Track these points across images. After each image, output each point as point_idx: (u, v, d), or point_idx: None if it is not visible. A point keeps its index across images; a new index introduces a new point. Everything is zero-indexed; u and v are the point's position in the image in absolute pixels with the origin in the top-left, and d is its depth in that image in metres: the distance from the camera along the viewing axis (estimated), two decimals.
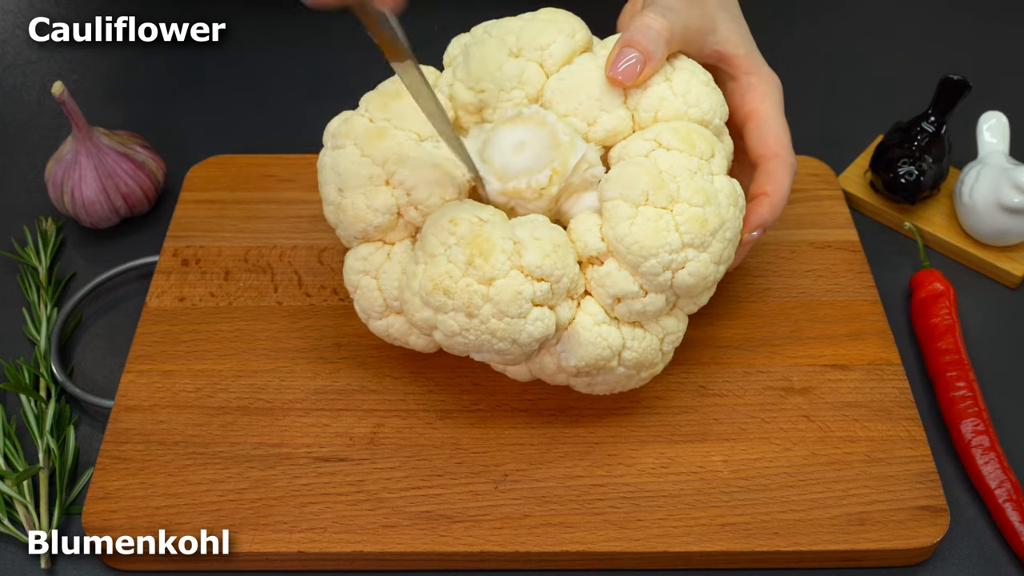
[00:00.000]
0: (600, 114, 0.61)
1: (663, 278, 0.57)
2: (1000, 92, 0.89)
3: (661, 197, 0.57)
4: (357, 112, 0.64)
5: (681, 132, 0.59)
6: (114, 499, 0.62)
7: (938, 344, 0.71)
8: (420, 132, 0.62)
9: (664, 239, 0.57)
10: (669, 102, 0.61)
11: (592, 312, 0.59)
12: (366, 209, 0.61)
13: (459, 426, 0.66)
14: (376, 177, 0.61)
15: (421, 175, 0.60)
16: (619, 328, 0.59)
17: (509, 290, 0.56)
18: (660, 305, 0.59)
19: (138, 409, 0.67)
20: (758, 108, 0.66)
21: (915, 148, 0.79)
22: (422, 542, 0.60)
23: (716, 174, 0.60)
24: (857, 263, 0.76)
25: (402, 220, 0.61)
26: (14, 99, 0.93)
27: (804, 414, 0.67)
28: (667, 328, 0.61)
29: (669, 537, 0.61)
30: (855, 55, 0.98)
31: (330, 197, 0.63)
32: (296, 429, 0.66)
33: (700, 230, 0.57)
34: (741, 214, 0.61)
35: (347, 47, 0.97)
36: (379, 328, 0.64)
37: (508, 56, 0.63)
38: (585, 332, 0.58)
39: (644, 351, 0.60)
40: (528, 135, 0.61)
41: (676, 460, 0.64)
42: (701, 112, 0.61)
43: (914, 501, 0.63)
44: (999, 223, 0.76)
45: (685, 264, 0.57)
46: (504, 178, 0.60)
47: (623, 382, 0.62)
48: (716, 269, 0.59)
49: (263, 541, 0.60)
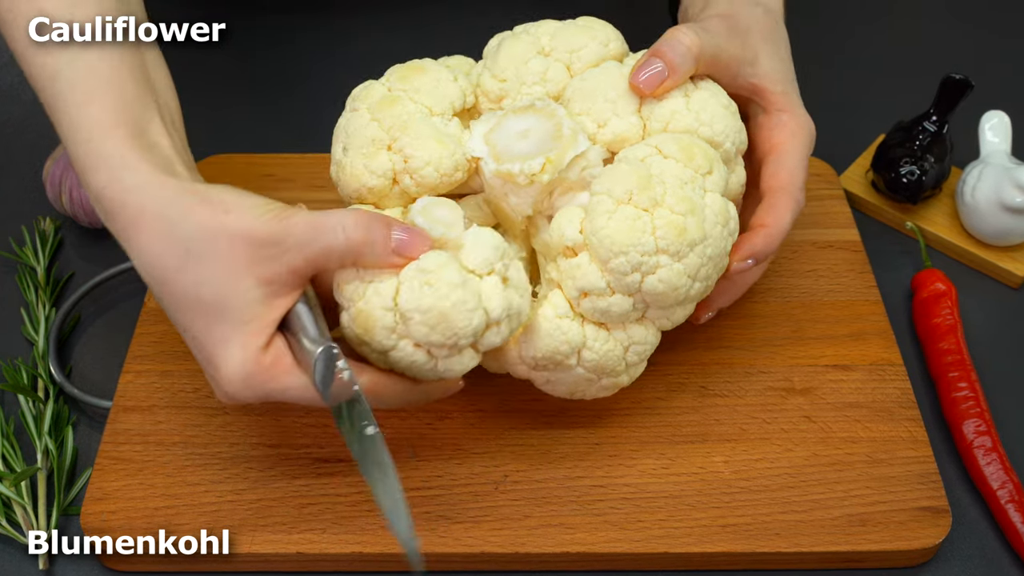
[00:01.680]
0: (611, 117, 0.61)
1: (631, 279, 0.57)
2: (1002, 91, 0.89)
3: (644, 198, 0.57)
4: (380, 80, 0.65)
5: (682, 143, 0.59)
6: (112, 500, 0.62)
7: (940, 344, 0.71)
8: (432, 107, 0.62)
9: (637, 239, 0.56)
10: (681, 116, 0.61)
11: (556, 304, 0.58)
12: (363, 170, 0.61)
13: (459, 427, 0.66)
14: (379, 140, 0.61)
15: (422, 145, 0.60)
16: (582, 325, 0.59)
17: (403, 360, 0.55)
18: (626, 308, 0.58)
19: (137, 409, 0.66)
20: (782, 143, 0.65)
21: (917, 148, 0.79)
22: (422, 543, 0.60)
23: (709, 191, 0.59)
24: (859, 263, 0.76)
25: (398, 188, 0.61)
26: (12, 98, 0.93)
27: (805, 415, 0.67)
28: (633, 337, 0.60)
29: (670, 538, 0.61)
30: (857, 54, 0.98)
31: (336, 156, 0.64)
32: (295, 429, 0.65)
33: (677, 238, 0.56)
34: (730, 237, 0.60)
35: (347, 47, 0.96)
36: None
37: (537, 54, 0.64)
38: (545, 323, 0.58)
39: (605, 355, 0.59)
40: (534, 124, 0.61)
41: (677, 461, 0.64)
42: (712, 132, 0.61)
43: (916, 502, 0.62)
44: (1001, 223, 0.76)
45: (656, 269, 0.57)
46: (501, 160, 0.60)
47: (582, 386, 0.61)
48: (690, 284, 0.58)
49: (262, 542, 0.60)
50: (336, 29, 0.99)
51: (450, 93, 0.63)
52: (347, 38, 0.98)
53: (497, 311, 0.55)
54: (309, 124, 0.90)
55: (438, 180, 0.61)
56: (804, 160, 0.65)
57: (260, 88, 0.94)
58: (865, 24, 1.02)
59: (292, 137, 0.87)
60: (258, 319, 0.54)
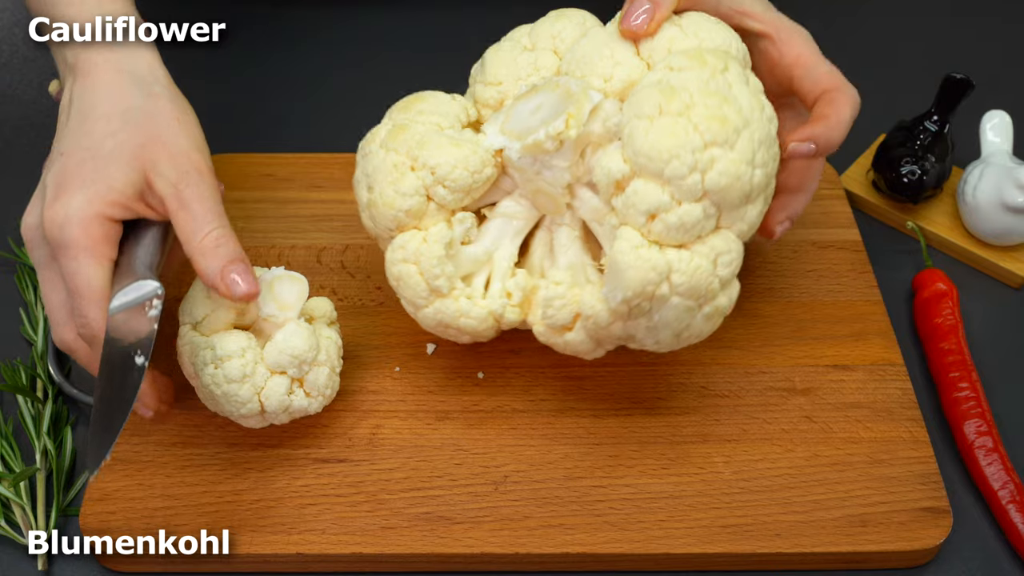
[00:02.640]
0: (614, 68, 0.61)
1: (691, 180, 0.55)
2: (1004, 91, 0.89)
3: (675, 105, 0.55)
4: (382, 123, 0.65)
5: (691, 53, 0.58)
6: (112, 500, 0.62)
7: (941, 344, 0.71)
8: (441, 123, 0.63)
9: (684, 139, 0.54)
10: (680, 40, 0.60)
11: (628, 237, 0.56)
12: (394, 195, 0.61)
13: (459, 427, 0.66)
14: (401, 165, 0.61)
15: (443, 152, 0.60)
16: (662, 251, 0.56)
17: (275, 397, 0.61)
18: (697, 215, 0.55)
19: (135, 410, 0.66)
20: (801, 52, 0.64)
21: (918, 147, 0.79)
22: (421, 544, 0.60)
23: (733, 84, 0.58)
24: (859, 263, 0.76)
25: (432, 204, 0.61)
26: (11, 98, 0.93)
27: (806, 415, 0.67)
28: (716, 247, 0.57)
29: (670, 539, 0.61)
30: (857, 53, 0.97)
31: (363, 200, 0.64)
32: (295, 430, 0.65)
33: (721, 127, 0.55)
34: (771, 123, 0.58)
35: (347, 47, 0.96)
36: (428, 317, 0.63)
37: (523, 51, 0.65)
38: (623, 257, 0.56)
39: (695, 272, 0.56)
40: (543, 99, 0.61)
41: (677, 461, 0.64)
42: (715, 44, 0.61)
43: (917, 503, 0.62)
44: (1002, 223, 0.76)
45: (712, 164, 0.55)
46: (524, 138, 0.60)
47: (685, 320, 0.58)
48: (752, 172, 0.56)
49: (262, 543, 0.60)
50: (335, 29, 0.99)
51: (454, 109, 0.64)
52: (347, 38, 0.97)
53: (274, 407, 0.61)
54: (308, 123, 0.90)
55: (470, 180, 0.60)
56: (821, 57, 0.65)
57: (259, 87, 0.94)
58: (866, 23, 1.01)
59: (291, 136, 0.87)
60: (123, 198, 0.59)
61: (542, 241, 0.64)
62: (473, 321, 0.62)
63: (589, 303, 0.59)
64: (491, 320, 0.62)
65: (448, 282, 0.61)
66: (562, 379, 0.68)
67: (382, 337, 0.71)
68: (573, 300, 0.60)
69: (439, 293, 0.61)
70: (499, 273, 0.63)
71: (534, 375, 0.68)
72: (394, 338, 0.71)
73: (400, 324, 0.69)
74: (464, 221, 0.62)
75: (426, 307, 0.62)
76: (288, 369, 0.61)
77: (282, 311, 0.62)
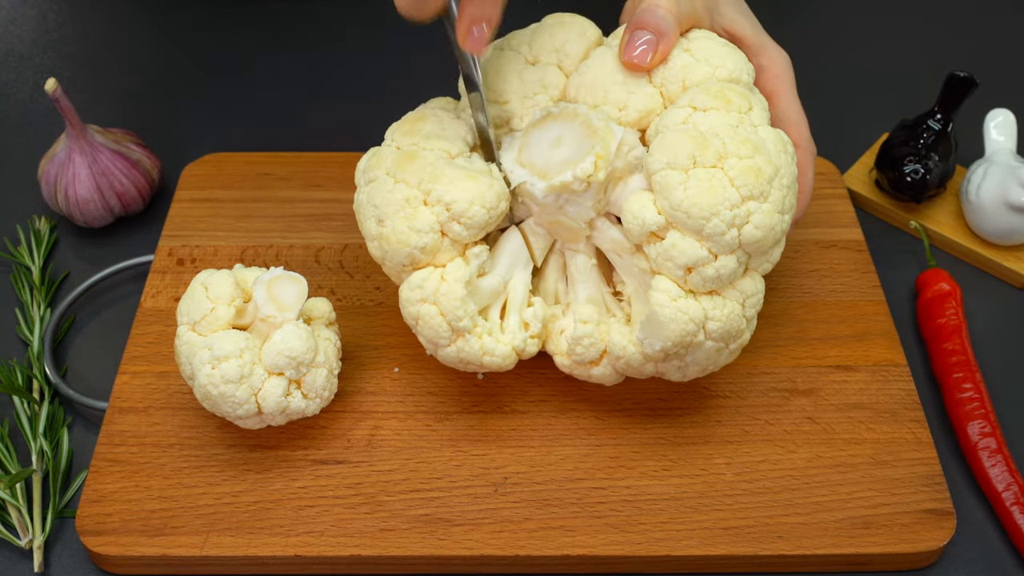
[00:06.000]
0: (629, 97, 0.60)
1: (729, 236, 0.56)
2: (1007, 89, 0.89)
3: (709, 156, 0.56)
4: (384, 144, 0.64)
5: (713, 91, 0.59)
6: (108, 502, 0.61)
7: (944, 345, 0.71)
8: (450, 150, 0.61)
9: (722, 196, 0.55)
10: (694, 68, 0.60)
11: (666, 289, 0.57)
12: (408, 231, 0.59)
13: (458, 428, 0.65)
14: (413, 199, 0.59)
15: (458, 188, 0.59)
16: (697, 300, 0.58)
17: (272, 398, 0.61)
18: (733, 267, 0.57)
19: (132, 411, 0.66)
20: (774, 91, 0.65)
21: (921, 146, 0.79)
22: (421, 546, 0.60)
23: (759, 125, 0.59)
24: (862, 263, 0.75)
25: (447, 240, 0.60)
26: (7, 96, 0.92)
27: (808, 416, 0.66)
28: (745, 291, 0.59)
29: (671, 541, 0.60)
30: (860, 52, 0.97)
31: (371, 232, 0.61)
32: (293, 431, 0.65)
33: (756, 180, 0.56)
34: (793, 161, 0.59)
35: (346, 46, 0.96)
36: (449, 356, 0.61)
37: (525, 65, 0.64)
38: (663, 310, 0.57)
39: (728, 318, 0.58)
40: (562, 130, 0.60)
41: (678, 463, 0.64)
42: (728, 71, 0.61)
43: (920, 504, 0.62)
44: (1006, 222, 0.76)
45: (749, 218, 0.56)
46: (547, 175, 0.59)
47: (713, 357, 0.60)
48: (782, 219, 0.57)
49: (259, 545, 0.60)
50: (335, 28, 0.98)
51: (459, 131, 0.62)
52: (346, 37, 0.97)
53: (271, 408, 0.61)
54: (307, 122, 0.89)
55: (487, 217, 0.59)
56: (798, 101, 0.66)
57: (257, 86, 0.94)
58: (869, 22, 1.01)
59: (289, 135, 0.87)
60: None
61: (555, 265, 0.64)
62: (497, 359, 0.60)
63: (619, 343, 0.60)
64: (514, 356, 0.61)
65: (471, 322, 0.59)
66: (562, 380, 0.67)
67: (381, 337, 0.70)
68: (601, 339, 0.60)
69: (461, 333, 0.60)
70: (515, 304, 0.62)
71: (534, 376, 0.68)
72: (393, 338, 0.70)
73: (399, 324, 0.69)
74: (480, 255, 0.60)
75: (448, 347, 0.61)
76: (286, 371, 0.60)
77: (281, 312, 0.61)
